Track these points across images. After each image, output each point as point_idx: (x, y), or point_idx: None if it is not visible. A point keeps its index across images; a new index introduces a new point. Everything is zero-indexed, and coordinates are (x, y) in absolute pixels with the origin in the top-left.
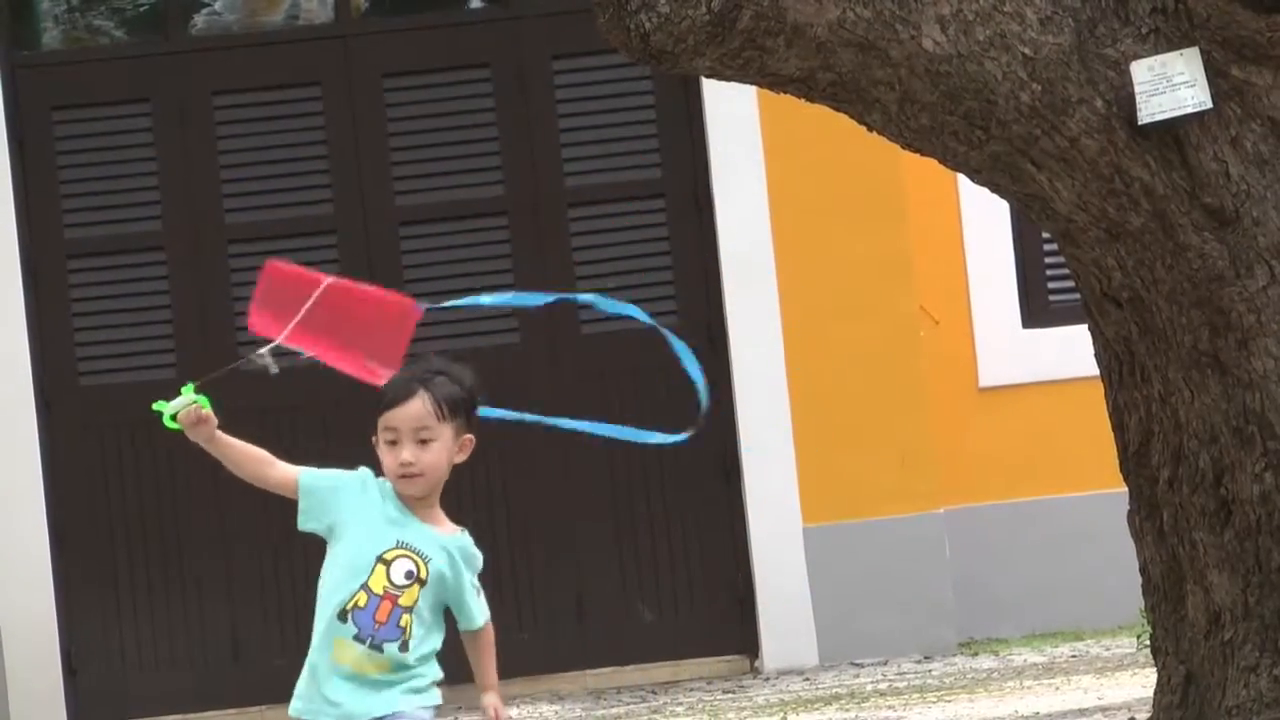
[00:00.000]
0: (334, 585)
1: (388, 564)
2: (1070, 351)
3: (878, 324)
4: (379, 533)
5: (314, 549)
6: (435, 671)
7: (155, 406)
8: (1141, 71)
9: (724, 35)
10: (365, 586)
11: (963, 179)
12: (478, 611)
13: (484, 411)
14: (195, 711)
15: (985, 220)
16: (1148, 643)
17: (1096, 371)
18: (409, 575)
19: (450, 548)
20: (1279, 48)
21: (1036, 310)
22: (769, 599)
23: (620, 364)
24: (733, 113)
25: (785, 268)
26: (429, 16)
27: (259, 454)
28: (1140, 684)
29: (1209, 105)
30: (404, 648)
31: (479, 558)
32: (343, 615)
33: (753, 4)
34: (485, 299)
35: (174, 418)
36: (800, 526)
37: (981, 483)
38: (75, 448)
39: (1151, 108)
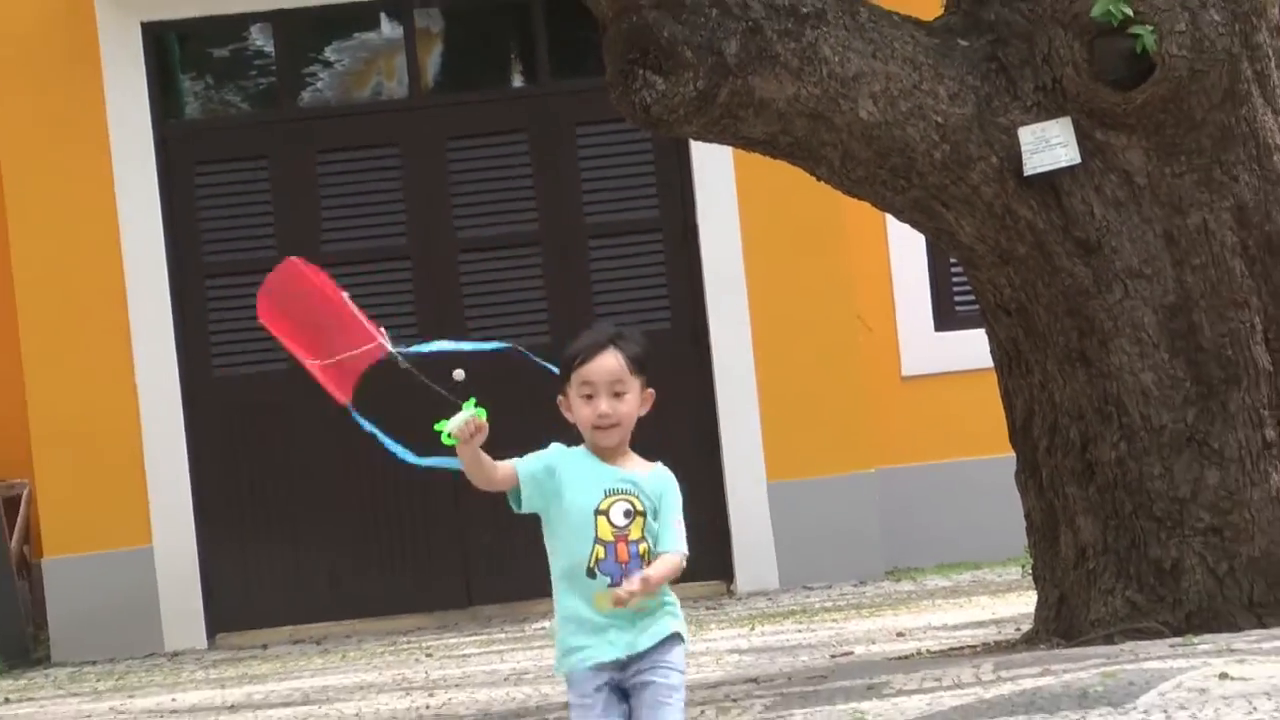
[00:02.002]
0: (568, 550)
1: (605, 513)
2: (972, 349)
3: (824, 328)
4: (587, 490)
5: (390, 495)
6: (675, 599)
7: (437, 426)
8: (1026, 135)
9: (707, 107)
10: (597, 540)
11: (890, 218)
12: (671, 538)
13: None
14: (303, 623)
15: (907, 249)
16: (1030, 572)
17: (992, 364)
18: (627, 514)
19: (653, 481)
20: (1132, 117)
21: (946, 317)
22: (741, 537)
23: None
24: (713, 166)
25: (754, 285)
26: (481, 93)
27: (491, 461)
28: (1024, 603)
29: (1078, 160)
30: None
31: (676, 488)
32: (590, 573)
33: (729, 83)
34: (440, 345)
35: (450, 435)
36: (765, 482)
37: (904, 449)
38: (210, 423)
39: (1034, 163)
